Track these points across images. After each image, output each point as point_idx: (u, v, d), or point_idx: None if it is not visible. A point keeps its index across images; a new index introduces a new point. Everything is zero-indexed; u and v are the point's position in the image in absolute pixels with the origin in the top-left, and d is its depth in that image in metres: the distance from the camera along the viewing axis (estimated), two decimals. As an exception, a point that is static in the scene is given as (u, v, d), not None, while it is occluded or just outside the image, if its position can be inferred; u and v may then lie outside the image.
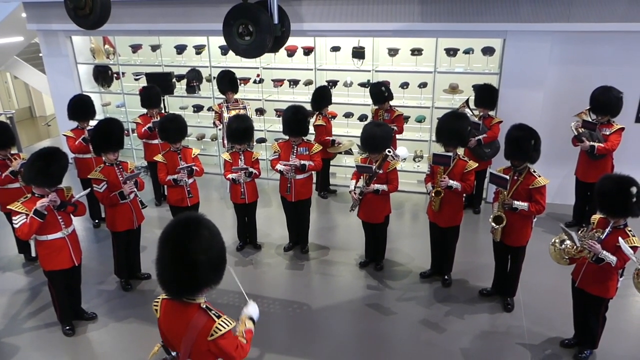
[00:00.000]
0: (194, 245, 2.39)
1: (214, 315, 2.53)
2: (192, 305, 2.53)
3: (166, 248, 2.44)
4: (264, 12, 4.22)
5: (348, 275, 5.43)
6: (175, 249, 2.41)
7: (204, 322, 2.50)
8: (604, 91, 5.56)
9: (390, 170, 4.97)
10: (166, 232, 2.47)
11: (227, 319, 2.56)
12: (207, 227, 2.48)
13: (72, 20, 4.76)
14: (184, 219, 2.48)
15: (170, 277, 2.45)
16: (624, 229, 3.66)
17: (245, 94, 7.85)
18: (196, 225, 2.44)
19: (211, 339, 2.50)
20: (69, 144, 6.06)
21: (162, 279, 2.49)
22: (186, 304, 2.53)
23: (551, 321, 4.56)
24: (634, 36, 5.88)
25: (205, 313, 2.53)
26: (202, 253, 2.40)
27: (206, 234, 2.45)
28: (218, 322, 2.51)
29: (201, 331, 2.49)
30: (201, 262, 2.40)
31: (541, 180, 4.31)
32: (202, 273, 2.43)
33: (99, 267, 5.62)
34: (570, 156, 6.08)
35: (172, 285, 2.48)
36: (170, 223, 2.50)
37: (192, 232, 2.42)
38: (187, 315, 2.52)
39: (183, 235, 2.41)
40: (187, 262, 2.39)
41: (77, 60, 8.39)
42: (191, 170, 5.33)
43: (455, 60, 6.91)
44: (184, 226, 2.44)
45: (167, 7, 7.24)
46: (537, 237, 4.85)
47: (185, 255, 2.39)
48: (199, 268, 2.41)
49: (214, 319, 2.52)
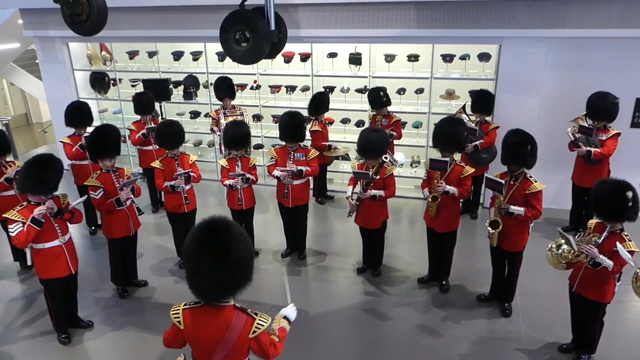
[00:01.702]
0: (234, 244, 2.42)
1: (252, 314, 2.59)
2: (226, 308, 2.56)
3: (204, 254, 2.42)
4: (260, 19, 4.25)
5: (345, 281, 5.42)
6: (217, 253, 2.40)
7: (244, 321, 2.55)
8: (600, 97, 5.59)
9: (387, 175, 4.97)
10: (199, 239, 2.45)
11: (264, 316, 2.61)
12: (235, 225, 2.52)
13: (68, 27, 4.76)
14: (212, 224, 2.47)
15: (213, 281, 2.44)
16: (620, 233, 3.67)
17: (243, 100, 7.86)
18: (226, 226, 2.47)
19: (253, 336, 2.55)
20: (65, 150, 6.05)
21: (201, 288, 2.48)
22: (219, 307, 2.55)
23: (549, 326, 4.56)
24: (629, 42, 5.92)
25: (243, 312, 2.58)
26: (243, 251, 2.44)
27: (237, 231, 2.48)
28: (257, 319, 2.57)
29: (243, 330, 2.54)
30: (244, 259, 2.45)
31: (537, 185, 4.32)
32: (247, 270, 2.49)
33: (95, 274, 5.58)
34: (566, 161, 6.11)
35: (215, 290, 2.47)
36: (197, 231, 2.48)
37: (226, 233, 2.44)
38: (225, 318, 2.54)
39: (220, 238, 2.42)
40: (232, 262, 2.41)
41: (73, 66, 8.39)
42: (188, 176, 5.32)
43: (451, 66, 6.95)
44: (215, 230, 2.45)
45: (164, 14, 7.26)
46: (534, 242, 4.86)
47: (229, 255, 2.40)
48: (244, 265, 2.45)
49: (254, 317, 2.57)
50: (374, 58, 7.42)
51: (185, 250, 2.49)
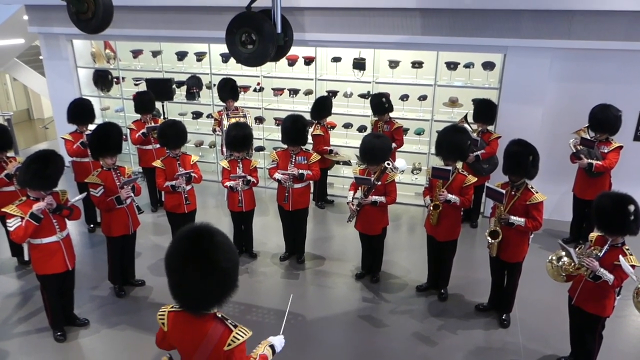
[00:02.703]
0: (220, 255, 2.35)
1: (231, 325, 2.51)
2: (207, 316, 2.50)
3: (191, 267, 2.35)
4: (267, 21, 4.24)
5: (344, 286, 5.40)
6: (204, 266, 2.33)
7: (221, 332, 2.48)
8: (602, 109, 5.58)
9: (389, 182, 4.95)
10: (181, 248, 2.38)
11: (243, 329, 2.53)
12: (219, 234, 2.44)
13: (74, 24, 4.76)
14: (195, 232, 2.40)
15: (196, 292, 2.38)
16: (621, 247, 3.66)
17: (245, 102, 7.86)
18: (210, 235, 2.39)
19: (228, 349, 2.47)
20: (67, 147, 6.04)
21: (183, 297, 2.42)
22: (201, 314, 2.49)
23: (547, 338, 4.54)
24: (633, 55, 5.92)
25: (222, 322, 2.51)
26: (229, 260, 2.38)
27: (222, 240, 2.41)
28: (235, 331, 2.49)
29: (218, 341, 2.47)
30: (231, 269, 2.40)
31: (539, 196, 4.31)
32: (233, 278, 2.43)
33: (92, 272, 5.56)
34: (568, 173, 6.09)
35: (198, 300, 2.42)
36: (181, 239, 2.40)
37: (212, 244, 2.36)
38: (203, 326, 2.48)
39: (206, 250, 2.35)
40: (219, 274, 2.35)
41: (77, 63, 8.39)
42: (189, 176, 5.31)
43: (455, 73, 6.95)
44: (200, 241, 2.37)
45: (169, 14, 7.26)
46: (534, 253, 4.84)
47: (216, 267, 2.34)
48: (230, 275, 2.40)
49: (231, 329, 2.49)
50: (377, 63, 7.42)
51: (169, 261, 2.40)
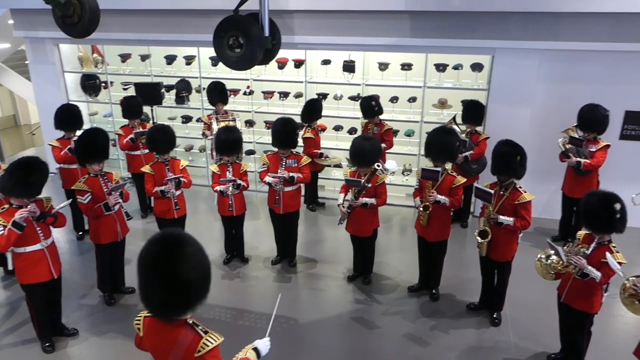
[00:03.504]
0: (183, 265, 2.31)
1: (201, 331, 2.48)
2: (178, 322, 2.47)
3: (152, 271, 2.34)
4: (255, 25, 4.24)
5: (336, 289, 5.39)
6: (164, 272, 2.31)
7: (191, 339, 2.44)
8: (591, 109, 5.65)
9: (379, 184, 4.96)
10: (149, 254, 2.37)
11: (214, 335, 2.50)
12: (191, 243, 2.39)
13: (60, 29, 4.72)
14: (165, 239, 2.38)
15: (160, 299, 2.36)
16: (608, 245, 3.70)
17: (235, 106, 7.83)
18: (179, 244, 2.35)
19: (198, 355, 2.43)
20: (54, 153, 5.97)
21: (148, 302, 2.40)
22: (172, 321, 2.46)
23: (538, 336, 4.57)
24: (619, 56, 6.00)
25: (192, 329, 2.48)
26: (192, 272, 2.32)
27: (191, 250, 2.36)
28: (205, 337, 2.45)
29: (188, 348, 2.44)
30: (193, 281, 2.33)
31: (527, 196, 4.34)
32: (194, 292, 2.36)
33: (81, 280, 5.50)
34: (557, 172, 6.15)
35: (162, 307, 2.40)
36: (150, 244, 2.39)
37: (178, 252, 2.33)
38: (174, 333, 2.46)
39: (170, 257, 2.32)
40: (179, 284, 2.31)
41: (64, 68, 8.31)
42: (179, 181, 5.28)
43: (444, 75, 6.99)
44: (167, 246, 2.35)
45: (158, 17, 7.22)
46: (523, 251, 4.87)
47: (177, 277, 2.30)
48: (191, 288, 2.34)
49: (201, 335, 2.46)
50: (367, 66, 7.45)
51: (138, 261, 2.39)
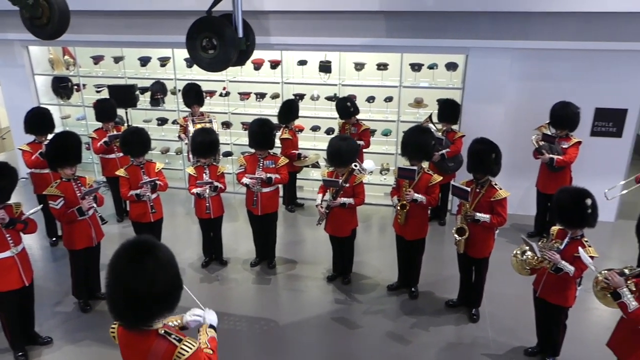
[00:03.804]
0: (138, 280, 2.25)
1: (175, 340, 2.40)
2: (149, 333, 2.40)
3: (112, 279, 2.31)
4: (228, 26, 4.20)
5: (316, 289, 5.39)
6: (120, 283, 2.28)
7: (164, 349, 2.38)
8: (562, 106, 5.78)
9: (357, 183, 4.98)
10: (112, 262, 2.33)
11: (190, 341, 2.43)
12: (156, 257, 2.31)
13: (28, 31, 4.60)
14: (130, 248, 2.33)
15: (121, 308, 2.32)
16: (581, 239, 3.78)
17: (212, 107, 7.75)
18: (141, 256, 2.29)
19: None
20: (25, 158, 5.83)
21: (112, 309, 2.36)
22: (142, 331, 2.39)
23: (515, 331, 4.65)
24: (586, 54, 6.15)
25: (165, 339, 2.40)
26: (146, 288, 2.25)
27: (151, 265, 2.28)
28: (180, 346, 2.39)
29: (163, 358, 2.37)
30: (146, 297, 2.26)
31: (502, 192, 4.41)
32: (144, 307, 2.30)
33: (55, 287, 5.37)
34: (531, 168, 6.27)
35: (119, 314, 2.35)
36: (117, 251, 2.35)
37: (136, 265, 2.27)
38: (146, 344, 2.39)
39: (127, 269, 2.27)
40: (139, 296, 2.26)
41: (34, 71, 8.11)
42: (154, 184, 5.20)
43: (420, 75, 7.05)
44: (128, 257, 2.30)
45: (130, 19, 7.10)
46: (500, 247, 4.95)
47: (130, 290, 2.26)
48: (140, 302, 2.28)
49: (175, 344, 2.39)
50: (343, 66, 7.46)
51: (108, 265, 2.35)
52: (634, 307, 3.14)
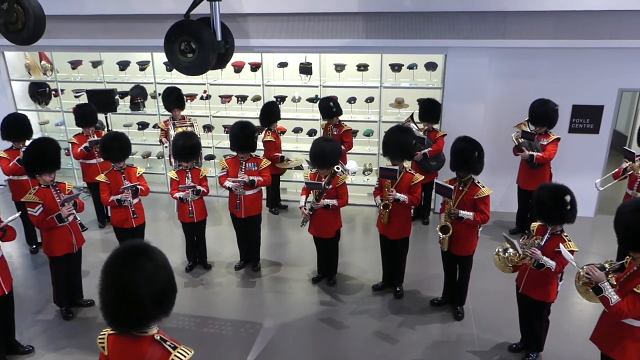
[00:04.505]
0: (134, 281, 2.24)
1: (170, 347, 2.37)
2: (143, 339, 2.36)
3: (107, 282, 2.29)
4: (206, 29, 4.17)
5: (301, 291, 5.38)
6: (115, 284, 2.25)
7: (159, 355, 2.34)
8: (541, 104, 5.87)
9: (340, 185, 4.99)
10: (107, 264, 2.31)
11: (184, 349, 2.39)
12: (151, 259, 2.32)
13: (3, 36, 4.51)
14: (126, 250, 2.33)
15: (113, 312, 2.29)
16: (560, 234, 3.84)
17: (193, 111, 7.71)
18: (138, 258, 2.29)
19: None
20: (2, 165, 5.72)
21: (105, 313, 2.32)
22: (137, 337, 2.36)
23: (499, 327, 4.69)
24: (563, 52, 6.25)
25: (160, 345, 2.37)
26: (142, 289, 2.24)
27: (149, 267, 2.28)
28: (174, 353, 2.35)
29: None
30: (143, 298, 2.25)
31: (485, 190, 4.46)
32: (144, 309, 2.28)
33: (36, 295, 5.28)
34: (512, 165, 6.35)
35: (116, 319, 2.32)
36: (112, 253, 2.34)
37: (132, 266, 2.26)
38: (140, 350, 2.35)
39: (123, 270, 2.26)
40: (129, 299, 2.24)
41: (10, 76, 7.96)
42: (136, 189, 5.14)
43: (400, 75, 7.09)
44: (124, 259, 2.29)
45: (108, 22, 7.01)
46: (484, 245, 5.00)
47: (127, 291, 2.24)
48: (140, 304, 2.26)
49: (170, 351, 2.35)
50: (324, 67, 7.47)
51: (102, 269, 2.33)
52: (615, 301, 3.19)
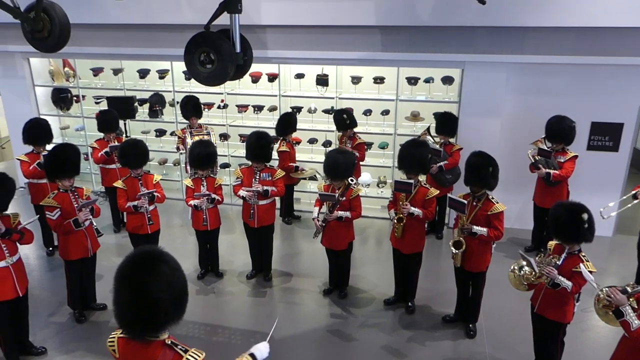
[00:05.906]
0: (155, 284, 2.27)
1: (181, 351, 2.40)
2: (154, 343, 2.39)
3: (124, 287, 2.31)
4: (225, 41, 4.23)
5: (312, 303, 5.36)
6: (135, 289, 2.28)
7: (170, 359, 2.38)
8: (558, 120, 5.81)
9: (353, 197, 4.98)
10: (123, 270, 2.34)
11: (196, 352, 2.42)
12: (167, 262, 2.36)
13: (29, 43, 4.63)
14: (141, 255, 2.36)
15: (131, 317, 2.32)
16: (578, 254, 3.77)
17: (210, 119, 7.80)
18: (155, 262, 2.33)
19: None
20: (23, 168, 5.85)
21: (121, 319, 2.35)
22: (148, 342, 2.39)
23: (512, 346, 4.61)
24: (582, 68, 6.19)
25: (171, 349, 2.40)
26: (163, 292, 2.28)
27: (166, 270, 2.33)
28: (186, 356, 2.39)
29: None
30: (163, 301, 2.28)
31: (499, 206, 4.41)
32: (164, 312, 2.31)
33: (51, 297, 5.35)
34: (528, 182, 6.27)
35: (133, 325, 2.35)
36: (127, 259, 2.37)
37: (151, 270, 2.30)
38: (151, 354, 2.38)
39: (142, 274, 2.29)
40: (149, 302, 2.27)
41: (34, 82, 8.16)
42: (152, 196, 5.20)
43: (416, 88, 7.09)
44: (141, 263, 2.33)
45: (130, 32, 7.16)
46: (498, 262, 4.94)
47: (146, 295, 2.26)
48: (161, 307, 2.29)
49: (181, 354, 2.39)
50: (340, 79, 7.51)
51: (115, 275, 2.36)
52: (636, 326, 3.10)
